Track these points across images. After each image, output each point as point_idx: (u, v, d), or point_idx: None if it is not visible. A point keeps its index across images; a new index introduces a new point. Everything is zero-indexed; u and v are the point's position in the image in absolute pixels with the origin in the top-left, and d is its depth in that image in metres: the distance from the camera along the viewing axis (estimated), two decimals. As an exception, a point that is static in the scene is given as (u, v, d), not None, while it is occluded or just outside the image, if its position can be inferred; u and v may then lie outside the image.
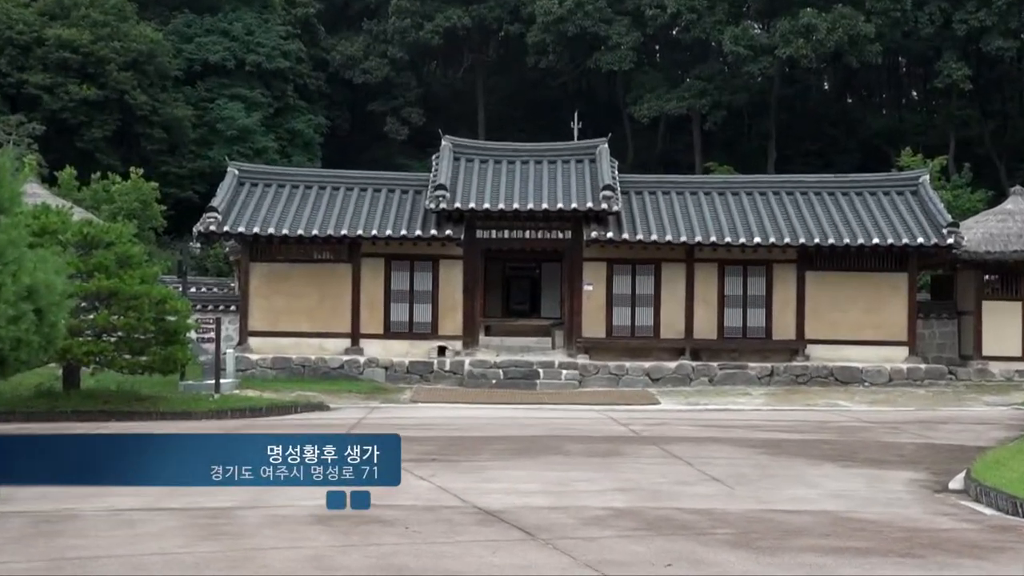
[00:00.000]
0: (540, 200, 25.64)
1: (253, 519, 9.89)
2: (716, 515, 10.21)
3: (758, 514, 10.28)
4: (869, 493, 11.65)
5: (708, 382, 24.80)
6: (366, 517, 9.58)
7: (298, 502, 10.19)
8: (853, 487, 11.99)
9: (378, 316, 25.72)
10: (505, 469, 12.99)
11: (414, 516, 10.00)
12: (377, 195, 26.69)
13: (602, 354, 25.44)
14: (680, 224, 25.76)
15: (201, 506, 10.41)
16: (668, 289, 25.83)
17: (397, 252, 25.73)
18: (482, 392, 23.56)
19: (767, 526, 9.73)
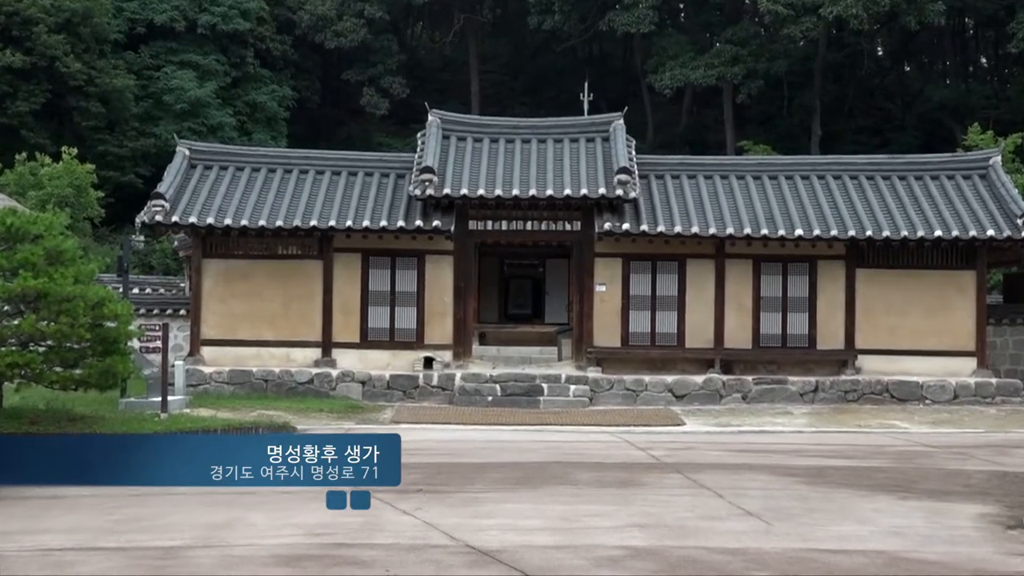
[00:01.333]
0: (544, 186, 25.67)
1: (206, 561, 9.93)
2: (750, 556, 10.25)
3: (799, 554, 10.33)
4: (930, 530, 11.74)
5: (741, 399, 24.89)
6: (339, 558, 9.56)
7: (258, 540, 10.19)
8: (911, 523, 12.07)
9: (354, 322, 25.76)
10: (503, 502, 13.05)
11: (396, 557, 10.06)
12: (352, 180, 26.71)
13: (617, 367, 25.49)
14: (708, 213, 25.76)
15: (144, 546, 10.43)
16: (694, 290, 25.85)
17: (376, 247, 25.72)
18: (476, 411, 23.59)
19: (810, 569, 9.81)
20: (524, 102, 54.35)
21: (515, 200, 25.43)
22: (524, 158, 26.78)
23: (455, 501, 13.05)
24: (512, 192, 25.39)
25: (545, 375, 25.01)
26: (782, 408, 24.37)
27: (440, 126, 27.14)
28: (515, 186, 25.59)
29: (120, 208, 39.91)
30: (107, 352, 19.09)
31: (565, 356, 26.71)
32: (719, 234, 25.18)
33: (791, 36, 46.87)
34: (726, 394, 24.94)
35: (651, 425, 21.97)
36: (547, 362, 26.77)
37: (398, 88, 51.34)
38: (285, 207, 25.70)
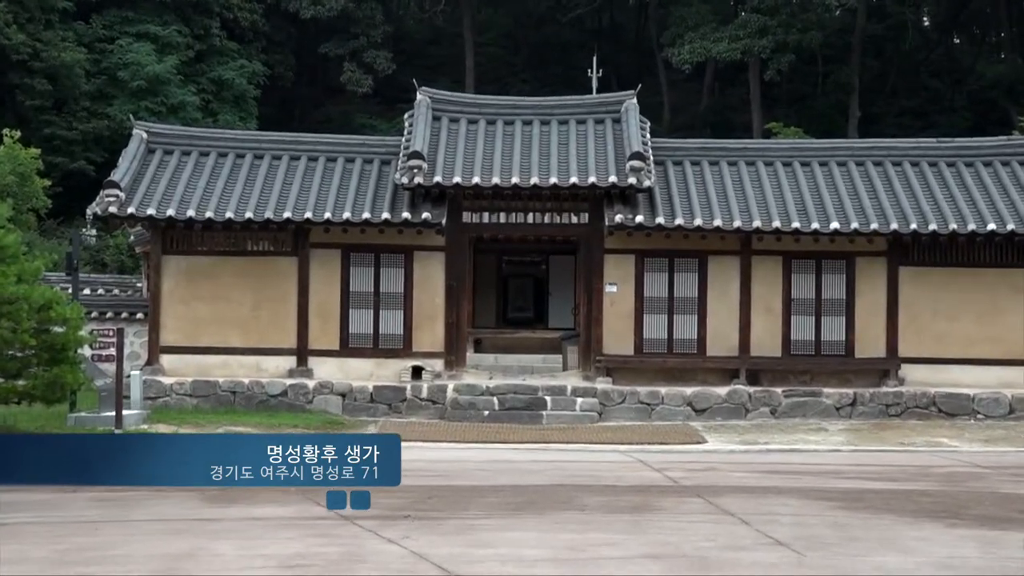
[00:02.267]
0: (547, 173, 25.67)
1: (166, 596, 9.96)
2: (780, 590, 10.27)
3: (836, 589, 10.35)
4: (984, 561, 11.74)
5: (770, 414, 24.93)
6: (316, 594, 9.59)
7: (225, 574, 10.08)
8: (962, 553, 12.08)
9: (333, 327, 25.75)
10: (501, 530, 13.05)
11: (380, 593, 10.04)
12: (331, 166, 26.72)
13: (630, 377, 25.51)
14: (733, 205, 25.75)
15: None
16: (717, 291, 25.85)
17: (358, 242, 25.73)
18: (471, 427, 23.63)
19: (848, 605, 9.81)
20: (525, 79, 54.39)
21: (515, 189, 25.43)
22: (525, 142, 26.80)
23: (448, 528, 13.04)
24: (511, 180, 25.39)
25: (548, 387, 25.02)
26: (816, 424, 24.37)
27: (430, 106, 27.16)
28: (515, 173, 25.59)
29: (69, 198, 39.84)
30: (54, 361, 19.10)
31: (571, 365, 26.71)
32: (745, 228, 25.18)
33: (826, 5, 46.93)
34: (752, 408, 24.96)
35: (668, 443, 21.99)
36: (551, 372, 26.78)
37: (383, 63, 51.33)
38: (255, 197, 25.71)
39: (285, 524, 13.11)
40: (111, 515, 13.73)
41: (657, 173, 26.04)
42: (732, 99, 53.97)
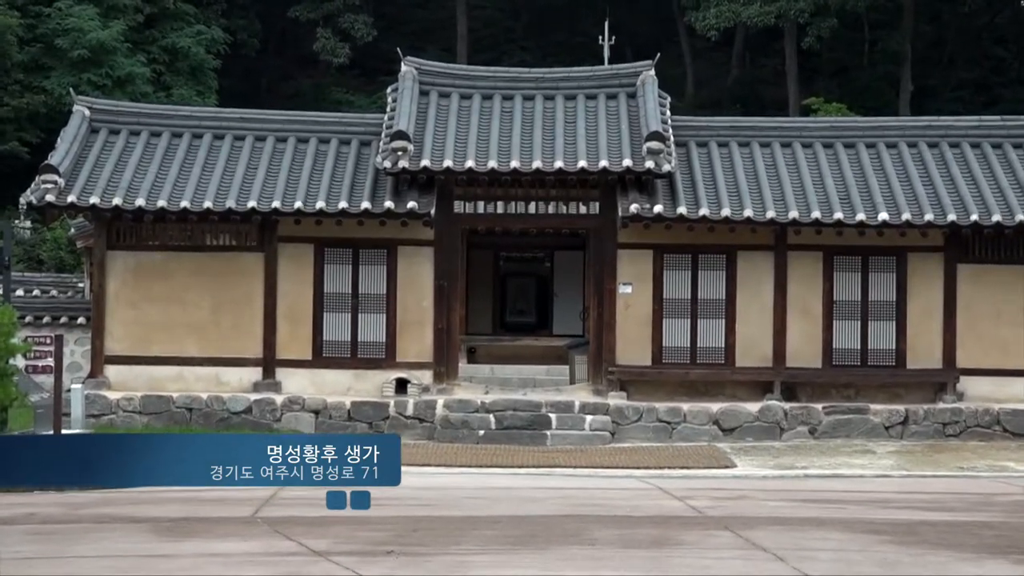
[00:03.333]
0: (552, 156, 25.69)
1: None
2: (820, 638, 10.27)
3: (884, 636, 10.37)
4: (1056, 604, 11.79)
5: (808, 434, 24.99)
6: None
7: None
8: (1031, 595, 12.13)
9: (304, 333, 25.83)
10: (499, 567, 13.07)
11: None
12: (303, 148, 26.80)
13: (647, 391, 25.62)
14: (766, 192, 25.79)
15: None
16: (747, 292, 25.92)
17: (333, 236, 25.81)
18: (464, 450, 23.70)
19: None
20: (526, 47, 54.34)
21: (514, 175, 25.47)
22: (526, 120, 26.85)
23: (436, 566, 13.04)
24: (510, 164, 25.42)
25: (553, 402, 25.04)
26: (861, 445, 24.45)
27: (417, 79, 27.22)
28: (514, 156, 25.62)
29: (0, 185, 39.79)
30: (-17, 373, 19.05)
31: (579, 378, 26.75)
32: (780, 219, 25.21)
33: (874, -39, 46.72)
34: (789, 427, 25.05)
35: (691, 467, 22.04)
36: (556, 385, 26.81)
37: (362, 29, 51.17)
38: (215, 184, 25.78)
39: (249, 561, 13.09)
40: (49, 551, 13.73)
41: (679, 156, 26.07)
42: (765, 71, 53.94)
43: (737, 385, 25.78)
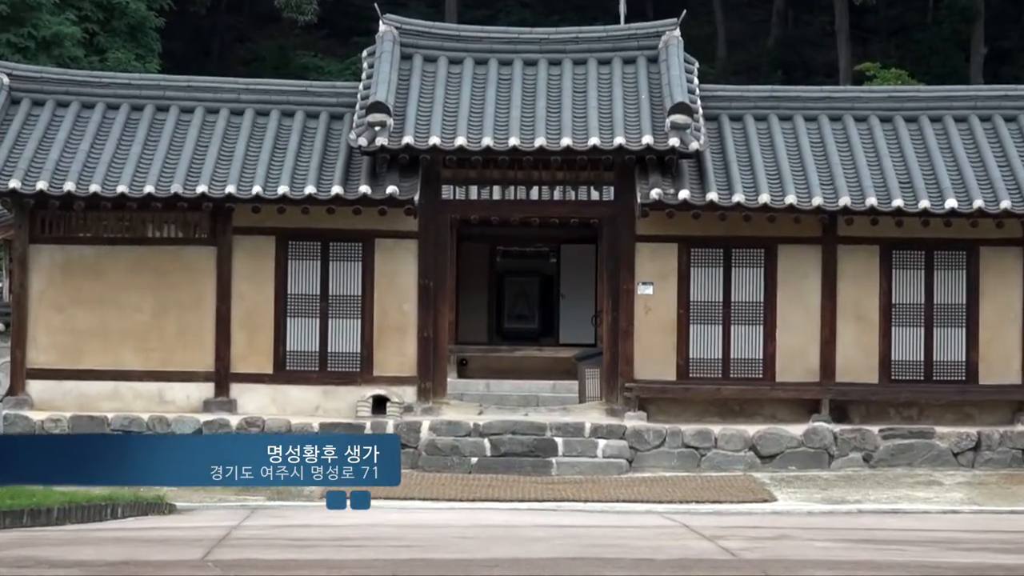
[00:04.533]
0: (558, 132, 25.54)
1: None
2: None
3: None
4: None
5: (862, 461, 24.90)
6: None
7: None
8: None
9: (264, 342, 25.78)
10: (494, 621, 12.97)
11: None
12: (262, 122, 26.70)
13: (671, 411, 25.53)
14: (812, 175, 25.67)
15: None
16: (790, 293, 25.83)
17: (299, 226, 25.70)
18: (453, 480, 23.55)
19: None
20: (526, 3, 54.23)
21: (513, 154, 25.33)
22: (527, 90, 26.73)
23: (421, 620, 12.94)
24: (508, 142, 25.28)
25: (560, 424, 24.93)
26: (925, 475, 24.32)
27: (398, 40, 27.11)
28: (513, 133, 25.47)
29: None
30: None
31: (591, 395, 26.63)
32: (828, 207, 25.11)
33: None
34: (839, 454, 24.95)
35: (723, 501, 21.95)
36: (562, 404, 26.69)
37: (332, -18, 51.13)
38: (158, 165, 25.68)
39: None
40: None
41: (709, 132, 25.95)
42: (811, 31, 53.86)
43: (778, 404, 25.69)
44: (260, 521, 19.42)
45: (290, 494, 22.10)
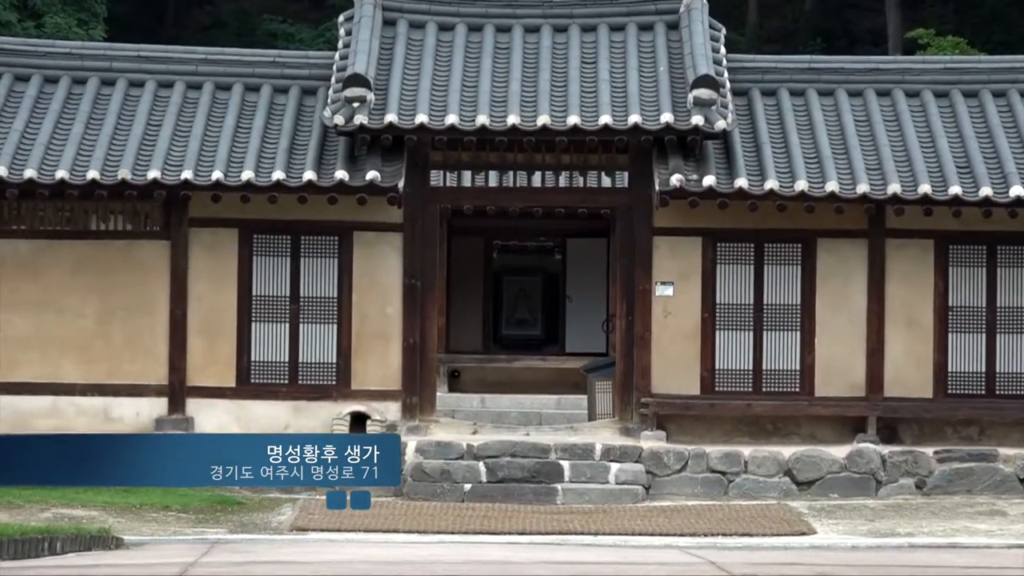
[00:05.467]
0: (565, 109, 25.57)
1: None
2: None
3: None
4: None
5: (915, 488, 24.88)
6: None
7: None
8: None
9: (225, 351, 25.89)
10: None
11: None
12: (224, 98, 26.79)
13: (694, 430, 25.67)
14: (856, 158, 25.72)
15: None
16: (831, 294, 25.92)
17: (266, 217, 25.81)
18: (444, 510, 23.51)
19: None
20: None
21: (513, 135, 25.37)
22: (529, 61, 26.82)
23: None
24: (507, 120, 25.34)
25: (566, 445, 24.93)
26: (987, 504, 24.28)
27: (379, 3, 27.20)
28: (513, 110, 25.52)
29: None
30: None
31: (601, 411, 26.66)
32: (875, 194, 25.17)
33: None
34: (888, 479, 24.94)
35: (754, 534, 21.91)
36: (569, 422, 26.76)
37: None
38: (103, 147, 25.73)
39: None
40: None
41: (738, 109, 26.04)
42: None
43: (817, 422, 25.77)
44: (220, 557, 19.26)
45: (255, 526, 22.32)
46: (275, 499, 23.93)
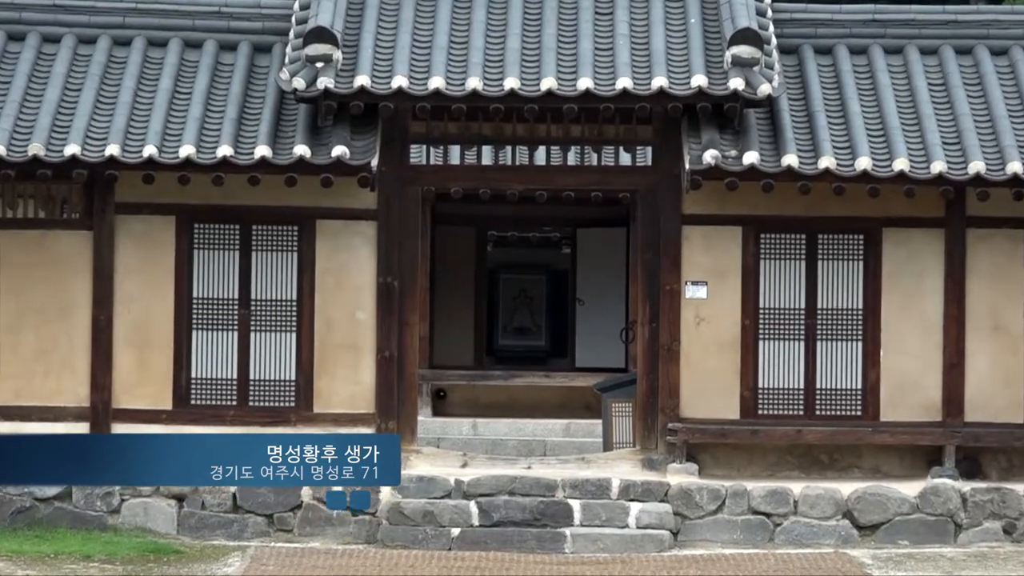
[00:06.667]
0: (575, 70, 25.58)
1: None
2: None
3: None
4: None
5: (1003, 533, 24.94)
6: None
7: None
8: None
9: (160, 365, 26.05)
10: None
11: None
12: (157, 57, 26.81)
13: (733, 462, 25.99)
14: (930, 131, 25.68)
15: None
16: (899, 297, 26.09)
17: (210, 203, 26.01)
18: (427, 560, 23.73)
19: None
20: None
21: (511, 102, 25.30)
22: (530, 12, 26.89)
23: None
24: (504, 84, 25.31)
25: (576, 481, 25.01)
26: (1095, 556, 24.56)
27: (349, -61, 27.32)
28: (510, 71, 25.53)
29: None
30: None
31: (619, 439, 26.93)
32: (954, 175, 25.13)
33: None
34: (969, 522, 24.98)
35: (807, 592, 22.21)
36: (580, 453, 27.01)
37: None
38: (11, 117, 25.80)
39: None
40: None
41: (786, 70, 26.25)
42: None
43: (883, 452, 25.93)
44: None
45: None
46: (221, 547, 24.15)
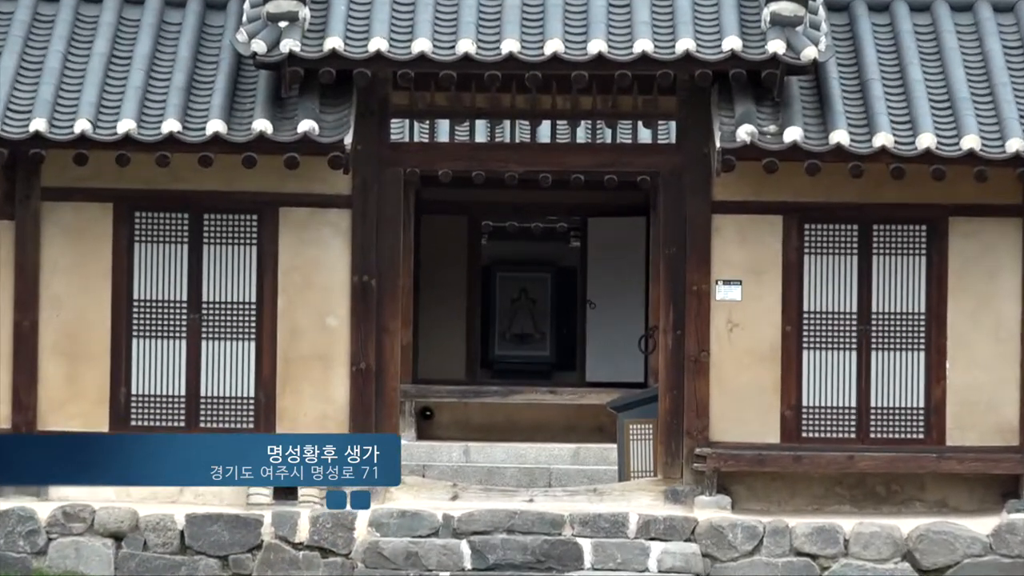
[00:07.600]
0: (585, 31, 25.48)
1: None
2: None
3: None
4: None
5: (1091, 580, 25.07)
6: None
7: None
8: None
9: (94, 378, 26.04)
10: None
11: None
12: (91, 15, 26.75)
13: (772, 494, 26.05)
14: (1005, 103, 25.51)
15: None
16: (967, 297, 26.12)
17: (153, 188, 26.10)
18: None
19: None
20: None
21: (508, 68, 25.14)
22: None
23: None
24: (501, 47, 25.11)
25: (587, 517, 24.84)
26: None
27: None
28: (508, 32, 25.37)
29: None
30: None
31: (638, 468, 26.95)
32: None
33: None
34: (1053, 566, 25.02)
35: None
36: (591, 482, 27.34)
37: None
38: (-81, 85, 25.95)
39: None
40: None
41: (835, 31, 26.12)
42: None
43: (950, 482, 25.92)
44: None
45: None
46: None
